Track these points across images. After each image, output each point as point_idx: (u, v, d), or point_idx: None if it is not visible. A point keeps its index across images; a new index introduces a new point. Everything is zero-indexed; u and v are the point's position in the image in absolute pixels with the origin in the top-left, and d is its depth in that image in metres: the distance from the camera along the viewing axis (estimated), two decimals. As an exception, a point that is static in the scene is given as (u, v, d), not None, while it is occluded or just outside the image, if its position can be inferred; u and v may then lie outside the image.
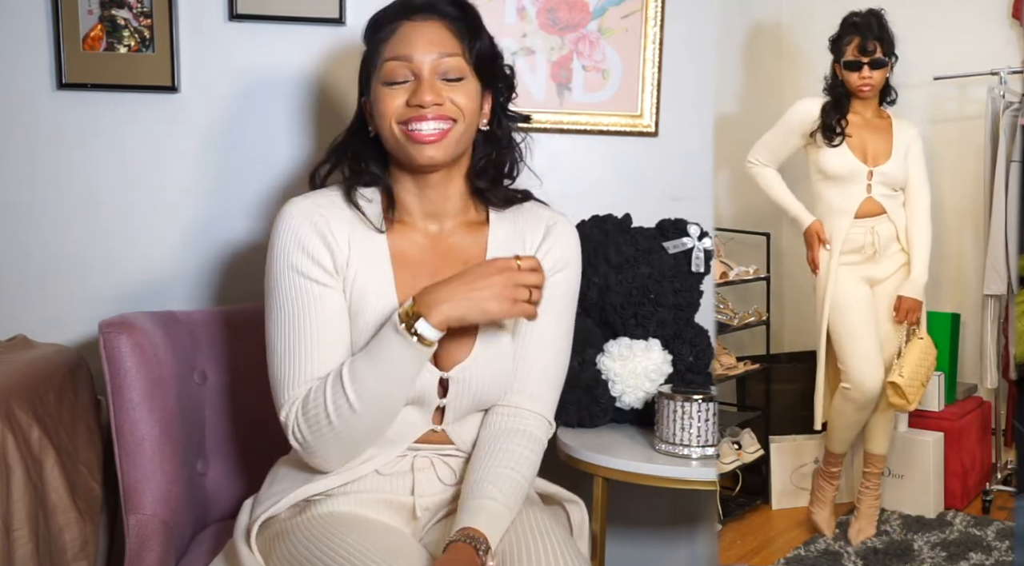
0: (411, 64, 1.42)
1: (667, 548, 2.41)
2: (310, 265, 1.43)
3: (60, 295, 2.16)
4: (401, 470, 1.49)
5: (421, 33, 1.43)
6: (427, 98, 1.40)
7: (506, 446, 1.47)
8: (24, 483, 1.65)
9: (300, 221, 1.45)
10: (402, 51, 1.43)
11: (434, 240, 1.52)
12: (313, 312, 1.43)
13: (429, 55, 1.42)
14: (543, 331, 1.53)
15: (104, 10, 2.09)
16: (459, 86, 1.44)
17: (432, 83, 1.42)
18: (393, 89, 1.43)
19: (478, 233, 1.54)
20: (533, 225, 1.56)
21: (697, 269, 2.02)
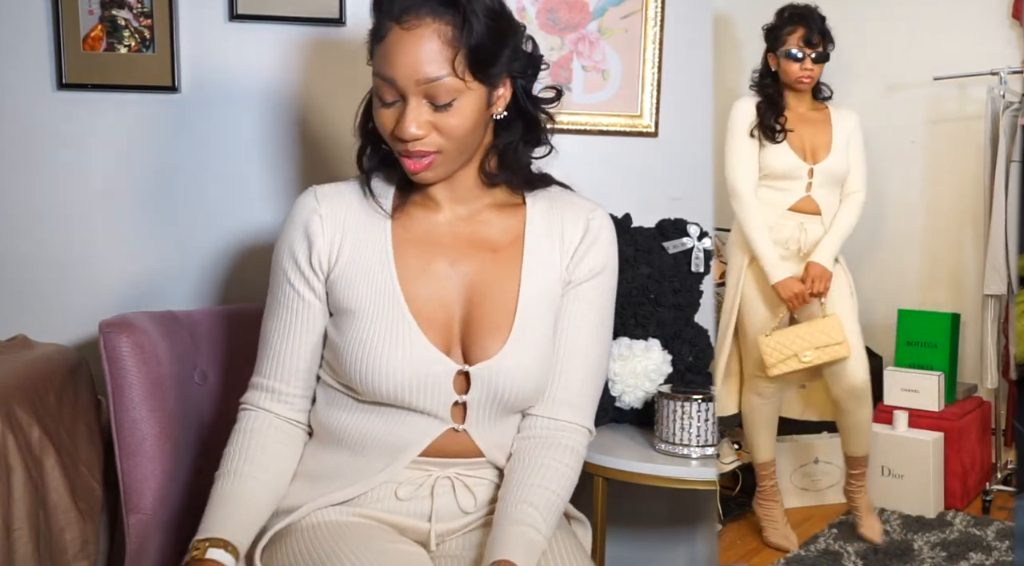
0: (395, 85, 1.31)
1: (667, 548, 2.41)
2: (293, 270, 1.44)
3: (60, 295, 2.16)
4: (421, 495, 1.41)
5: (406, 50, 1.29)
6: (409, 131, 1.31)
7: (548, 463, 1.40)
8: (24, 483, 1.65)
9: (296, 219, 1.44)
10: (386, 70, 1.31)
11: (461, 222, 1.44)
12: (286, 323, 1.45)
13: (412, 79, 1.29)
14: (586, 340, 1.46)
15: (104, 10, 2.09)
16: (450, 111, 1.32)
17: (416, 113, 1.31)
18: (383, 107, 1.35)
19: (512, 216, 1.46)
20: (573, 216, 1.47)
21: (697, 269, 2.02)
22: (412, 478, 1.42)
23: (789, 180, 1.96)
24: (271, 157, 2.18)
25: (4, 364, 1.82)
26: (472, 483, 1.43)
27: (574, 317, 1.46)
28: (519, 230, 1.45)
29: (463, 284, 1.42)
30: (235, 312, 1.91)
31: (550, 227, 1.46)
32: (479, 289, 1.42)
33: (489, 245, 1.44)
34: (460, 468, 1.43)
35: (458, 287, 1.42)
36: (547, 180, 1.50)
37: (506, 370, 1.39)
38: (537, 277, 1.44)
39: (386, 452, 1.41)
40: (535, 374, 1.41)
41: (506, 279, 1.43)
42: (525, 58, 1.40)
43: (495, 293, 1.42)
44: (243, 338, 1.85)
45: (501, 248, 1.44)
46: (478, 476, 1.44)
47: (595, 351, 1.48)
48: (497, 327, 1.40)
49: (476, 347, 1.40)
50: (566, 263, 1.46)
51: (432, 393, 1.39)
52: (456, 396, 1.40)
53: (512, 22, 1.37)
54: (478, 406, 1.41)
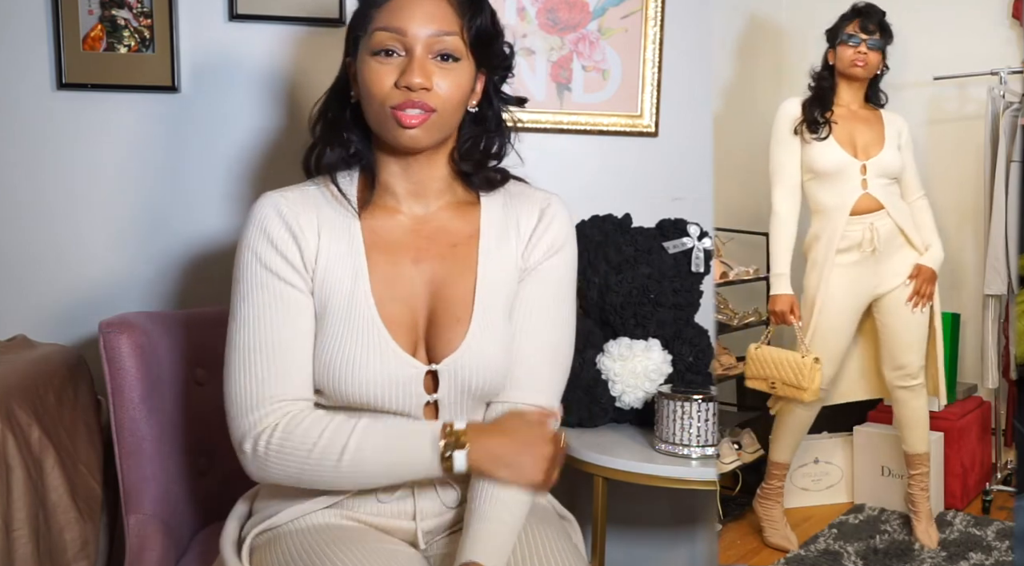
0: (404, 38, 1.33)
1: (667, 548, 2.41)
2: (278, 260, 1.37)
3: (60, 295, 2.16)
4: (402, 495, 1.42)
5: (419, 4, 1.33)
6: (416, 80, 1.31)
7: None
8: (24, 483, 1.65)
9: (268, 214, 1.39)
10: (396, 22, 1.33)
11: (419, 222, 1.44)
12: (280, 322, 1.36)
13: (425, 30, 1.33)
14: (542, 320, 1.46)
15: (104, 10, 2.09)
16: (451, 70, 1.35)
17: (423, 63, 1.33)
18: (382, 64, 1.34)
19: (468, 214, 1.47)
20: (527, 208, 1.48)
21: (697, 269, 2.02)
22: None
23: (841, 179, 1.94)
24: (271, 156, 2.17)
25: (4, 364, 1.82)
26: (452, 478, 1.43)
27: (529, 300, 1.46)
28: (476, 225, 1.46)
29: (426, 281, 1.43)
30: (235, 312, 1.91)
31: (506, 220, 1.47)
32: (440, 284, 1.42)
33: (448, 240, 1.44)
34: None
35: (421, 285, 1.42)
36: (504, 174, 1.50)
37: (470, 362, 1.39)
38: (493, 267, 1.44)
39: None
40: (499, 362, 1.42)
41: (464, 272, 1.43)
42: (503, 57, 1.45)
43: (455, 287, 1.42)
44: (243, 338, 1.85)
45: (459, 243, 1.44)
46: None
47: (555, 332, 1.48)
48: (458, 320, 1.41)
49: (440, 342, 1.41)
50: (522, 251, 1.47)
51: (403, 396, 1.39)
52: (427, 396, 1.41)
53: (499, 22, 1.43)
54: (449, 403, 1.41)
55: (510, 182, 1.51)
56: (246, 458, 1.36)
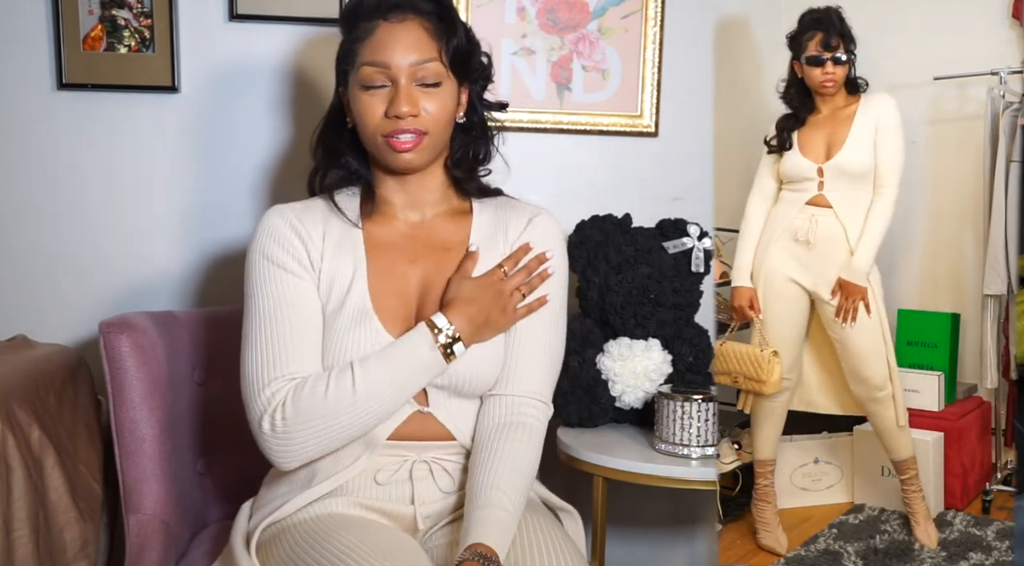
0: (388, 70, 1.44)
1: (667, 548, 2.41)
2: (285, 257, 1.47)
3: (60, 295, 2.16)
4: (400, 479, 1.48)
5: (397, 38, 1.44)
6: (403, 109, 1.42)
7: (507, 445, 1.46)
8: (24, 483, 1.65)
9: (276, 221, 1.50)
10: (379, 57, 1.44)
11: (415, 228, 1.55)
12: (290, 305, 1.46)
13: (406, 59, 1.43)
14: (533, 321, 1.54)
15: (104, 10, 2.09)
16: (435, 93, 1.45)
17: (408, 92, 1.44)
18: (371, 96, 1.45)
19: (461, 221, 1.57)
20: (516, 217, 1.58)
21: (697, 269, 2.02)
22: (389, 464, 1.48)
23: (802, 182, 1.99)
24: (271, 157, 2.17)
25: (4, 364, 1.82)
26: (449, 466, 1.50)
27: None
28: (468, 231, 1.57)
29: (419, 280, 1.52)
30: (236, 312, 1.90)
31: (495, 227, 1.58)
32: (433, 284, 1.51)
33: (442, 245, 1.55)
34: (435, 452, 1.50)
35: (415, 283, 1.52)
36: (497, 192, 1.61)
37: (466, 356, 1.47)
38: (480, 270, 1.52)
39: (359, 441, 1.46)
40: (487, 361, 1.50)
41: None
42: (482, 68, 1.55)
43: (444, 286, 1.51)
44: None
45: (452, 247, 1.55)
46: (452, 459, 1.50)
47: (547, 332, 1.56)
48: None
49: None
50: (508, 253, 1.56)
51: None
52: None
53: (474, 36, 1.53)
54: (438, 389, 1.49)
55: (503, 197, 1.61)
56: (266, 439, 1.42)
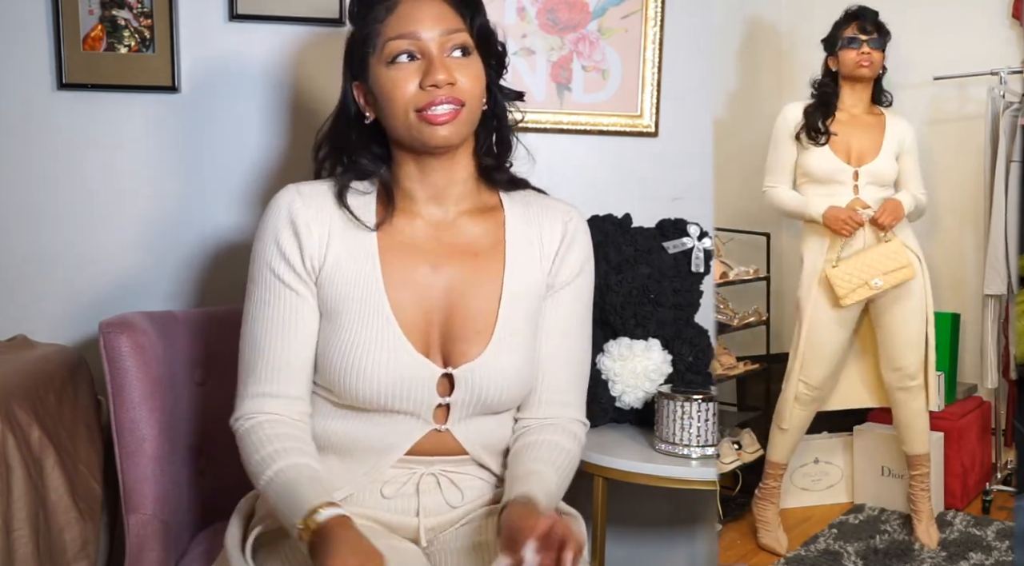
0: (418, 42, 1.36)
1: (667, 548, 2.41)
2: (284, 267, 1.41)
3: (60, 295, 2.16)
4: (406, 492, 1.43)
5: (423, 9, 1.37)
6: (440, 77, 1.33)
7: (546, 438, 1.44)
8: (24, 483, 1.65)
9: (281, 217, 1.42)
10: (406, 29, 1.36)
11: (438, 228, 1.44)
12: (285, 323, 1.40)
13: (435, 30, 1.36)
14: (571, 339, 1.50)
15: (104, 10, 2.09)
16: (466, 64, 1.37)
17: (443, 60, 1.35)
18: (401, 70, 1.36)
19: (490, 219, 1.47)
20: (550, 220, 1.49)
21: (697, 269, 2.02)
22: (396, 476, 1.43)
23: (833, 184, 1.96)
24: (271, 157, 2.18)
25: (4, 364, 1.82)
26: (457, 479, 1.44)
27: (557, 320, 1.49)
28: (499, 234, 1.47)
29: (444, 288, 1.42)
30: (235, 312, 1.90)
31: (529, 230, 1.48)
32: (460, 293, 1.42)
33: (471, 250, 1.45)
34: (444, 465, 1.44)
35: (439, 291, 1.42)
36: (524, 183, 1.53)
37: (489, 373, 1.40)
38: (519, 280, 1.45)
39: (371, 454, 1.42)
40: (518, 376, 1.43)
41: (487, 283, 1.44)
42: (501, 53, 1.48)
43: (476, 297, 1.43)
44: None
45: (482, 252, 1.45)
46: (462, 472, 1.45)
47: (579, 350, 1.52)
48: (478, 331, 1.42)
49: (456, 351, 1.41)
50: (547, 267, 1.48)
51: (416, 397, 1.40)
52: (440, 398, 1.41)
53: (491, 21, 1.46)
54: (461, 407, 1.42)
55: (530, 190, 1.53)
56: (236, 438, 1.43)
